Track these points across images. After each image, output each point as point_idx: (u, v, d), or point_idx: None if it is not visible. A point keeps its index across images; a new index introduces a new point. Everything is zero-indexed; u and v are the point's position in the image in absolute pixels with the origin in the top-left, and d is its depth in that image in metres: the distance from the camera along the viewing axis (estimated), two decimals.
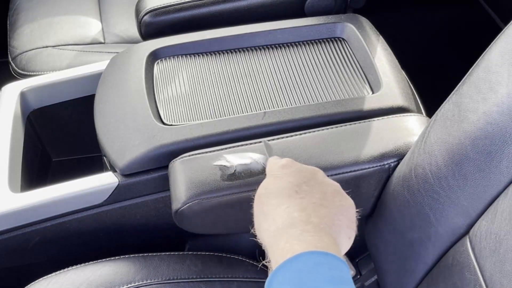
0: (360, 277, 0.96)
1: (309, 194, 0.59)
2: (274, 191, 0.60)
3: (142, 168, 0.88)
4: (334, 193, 0.61)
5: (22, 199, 0.90)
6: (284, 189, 0.59)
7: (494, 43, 0.67)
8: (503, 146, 0.61)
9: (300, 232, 0.53)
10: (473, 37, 1.36)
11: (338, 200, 0.60)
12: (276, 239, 0.54)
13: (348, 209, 0.60)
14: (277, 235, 0.54)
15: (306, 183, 0.60)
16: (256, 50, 1.02)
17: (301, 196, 0.58)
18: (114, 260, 0.89)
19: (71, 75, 1.10)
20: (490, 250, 0.61)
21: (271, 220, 0.57)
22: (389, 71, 0.95)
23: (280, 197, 0.58)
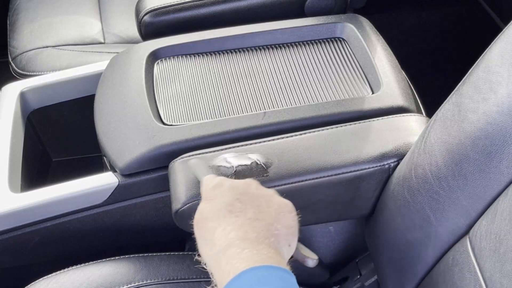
0: (360, 277, 0.96)
1: (243, 211, 0.59)
2: (209, 215, 0.60)
3: (142, 168, 0.88)
4: (268, 203, 0.61)
5: (22, 199, 0.90)
6: (218, 211, 0.59)
7: (494, 43, 0.67)
8: (503, 146, 0.61)
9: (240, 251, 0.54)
10: (473, 37, 1.36)
11: (273, 209, 0.60)
12: (217, 262, 0.55)
13: (285, 215, 0.60)
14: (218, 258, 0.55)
15: (239, 200, 0.60)
16: (256, 50, 1.02)
17: (236, 214, 0.58)
18: (114, 260, 0.89)
19: (71, 75, 1.10)
20: (490, 250, 0.61)
21: (210, 244, 0.57)
22: (389, 71, 0.95)
23: (216, 220, 0.59)
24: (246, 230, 0.56)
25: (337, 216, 0.90)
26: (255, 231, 0.56)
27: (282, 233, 0.59)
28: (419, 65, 1.31)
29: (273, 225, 0.58)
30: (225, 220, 0.58)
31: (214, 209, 0.60)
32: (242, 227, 0.57)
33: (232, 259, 0.53)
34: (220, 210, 0.59)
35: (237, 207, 0.59)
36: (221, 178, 0.66)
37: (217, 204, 0.60)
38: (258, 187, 0.64)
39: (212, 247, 0.57)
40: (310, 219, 0.88)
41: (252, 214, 0.59)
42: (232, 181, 0.64)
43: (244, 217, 0.58)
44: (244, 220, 0.58)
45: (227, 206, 0.60)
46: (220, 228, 0.57)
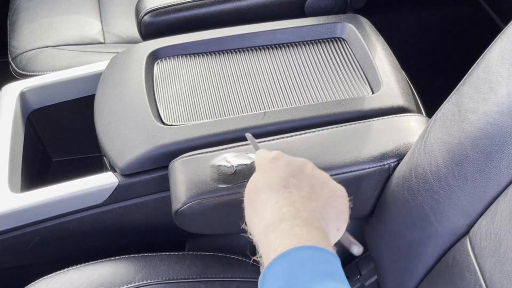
0: (360, 277, 0.96)
1: (298, 188, 0.59)
2: (262, 187, 0.60)
3: (142, 168, 0.88)
4: (323, 185, 0.61)
5: (22, 199, 0.90)
6: (272, 184, 0.59)
7: (494, 43, 0.67)
8: (503, 146, 0.61)
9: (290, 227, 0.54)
10: (473, 37, 1.36)
11: (326, 191, 0.60)
12: (266, 235, 0.55)
13: (337, 200, 0.61)
14: (267, 231, 0.55)
15: (294, 177, 0.60)
16: (256, 50, 1.02)
17: (290, 190, 0.58)
18: (114, 260, 0.89)
19: (71, 75, 1.10)
20: (490, 250, 0.61)
21: (260, 216, 0.57)
22: (389, 71, 0.95)
23: (269, 192, 0.58)
24: (298, 208, 0.56)
25: None
26: (307, 211, 0.56)
27: (332, 216, 0.59)
28: (419, 65, 1.31)
29: (324, 208, 0.58)
30: (279, 194, 0.58)
31: (269, 182, 0.60)
32: (295, 204, 0.57)
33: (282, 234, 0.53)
34: (274, 184, 0.59)
35: (291, 183, 0.59)
36: (277, 152, 0.65)
37: (272, 178, 0.60)
38: (314, 168, 0.63)
39: (262, 219, 0.56)
40: None
41: (305, 192, 0.58)
42: (289, 157, 0.64)
43: (298, 194, 0.58)
44: (298, 197, 0.57)
45: (282, 181, 0.59)
46: (273, 201, 0.57)
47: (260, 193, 0.59)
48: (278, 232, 0.54)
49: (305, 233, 0.53)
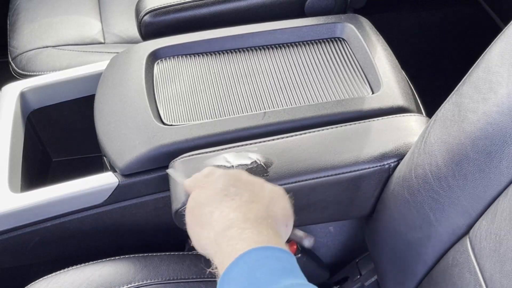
0: (360, 277, 0.96)
1: (239, 194, 0.60)
2: (204, 201, 0.61)
3: (142, 168, 0.88)
4: (262, 187, 0.62)
5: (22, 199, 0.90)
6: (213, 195, 0.60)
7: (494, 43, 0.67)
8: (503, 146, 0.61)
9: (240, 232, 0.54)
10: (473, 37, 1.36)
11: (267, 193, 0.62)
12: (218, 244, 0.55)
13: (278, 198, 0.62)
14: (218, 240, 0.56)
15: (232, 185, 0.61)
16: (256, 50, 1.02)
17: (232, 198, 0.59)
18: (114, 260, 0.89)
19: (71, 75, 1.10)
20: (490, 250, 0.61)
21: (208, 228, 0.58)
22: (389, 71, 0.95)
23: (212, 204, 0.59)
24: (244, 211, 0.57)
25: (337, 216, 0.90)
26: (253, 212, 0.57)
27: (278, 214, 0.60)
28: (419, 65, 1.31)
29: (268, 207, 0.59)
30: (222, 203, 0.59)
31: (209, 195, 0.61)
32: (239, 208, 0.58)
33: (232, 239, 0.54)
34: (215, 195, 0.60)
35: (232, 191, 0.60)
36: (211, 167, 0.67)
37: (212, 190, 0.61)
38: (249, 175, 0.65)
39: (210, 230, 0.57)
40: (310, 219, 0.88)
41: (247, 197, 0.59)
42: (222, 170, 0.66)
43: (240, 200, 0.59)
44: (241, 202, 0.59)
45: (221, 191, 0.60)
46: (218, 211, 0.58)
47: (203, 207, 0.60)
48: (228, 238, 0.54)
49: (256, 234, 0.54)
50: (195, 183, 0.66)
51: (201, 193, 0.62)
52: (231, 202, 0.59)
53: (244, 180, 0.63)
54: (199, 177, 0.66)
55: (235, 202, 0.59)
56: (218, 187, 0.61)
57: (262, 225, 0.56)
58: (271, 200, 0.61)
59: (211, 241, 0.57)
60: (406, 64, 1.01)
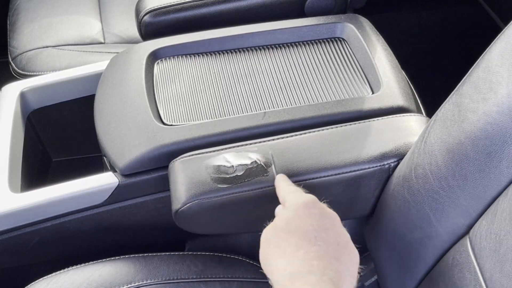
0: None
1: (326, 243, 0.60)
2: (294, 230, 0.61)
3: (142, 168, 0.88)
4: (346, 245, 0.62)
5: (22, 199, 0.90)
6: (305, 231, 0.61)
7: (494, 43, 0.67)
8: (503, 146, 0.61)
9: (317, 282, 0.56)
10: (473, 37, 1.36)
11: (347, 253, 0.62)
12: (292, 281, 0.56)
13: (354, 265, 0.62)
14: (294, 278, 0.56)
15: (325, 230, 0.62)
16: (256, 50, 1.02)
17: (319, 244, 0.60)
18: (114, 260, 0.89)
19: (71, 75, 1.10)
20: (490, 250, 0.61)
21: (289, 260, 0.58)
22: (389, 71, 0.95)
23: (300, 239, 0.60)
24: (326, 265, 0.58)
25: None
26: (332, 270, 0.58)
27: (348, 281, 0.60)
28: (419, 65, 1.31)
29: (345, 271, 0.60)
30: (310, 244, 0.59)
31: (301, 228, 0.61)
32: (323, 259, 0.58)
33: (308, 285, 0.55)
34: (307, 232, 0.60)
35: (322, 236, 0.61)
36: (312, 197, 0.66)
37: (305, 225, 0.61)
38: (341, 225, 0.65)
39: (290, 264, 0.58)
40: None
41: (332, 250, 0.60)
42: (322, 207, 0.65)
43: (326, 250, 0.59)
44: (325, 253, 0.59)
45: (313, 231, 0.61)
46: (303, 250, 0.59)
47: (291, 235, 0.60)
48: (304, 282, 0.56)
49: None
50: (292, 204, 0.66)
51: (294, 221, 0.62)
52: (318, 247, 0.59)
53: (336, 229, 0.63)
54: (298, 201, 0.65)
55: (320, 249, 0.59)
56: (313, 224, 0.61)
57: (336, 285, 0.57)
58: (349, 262, 0.61)
59: (285, 274, 0.57)
60: (406, 64, 1.01)
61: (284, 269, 0.58)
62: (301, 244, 0.59)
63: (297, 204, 0.65)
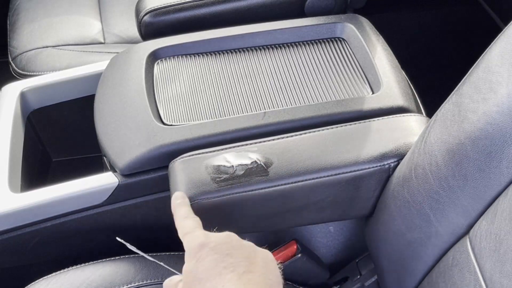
0: (360, 277, 0.96)
1: (236, 265, 0.59)
2: (203, 276, 0.60)
3: (142, 168, 0.88)
4: (254, 253, 0.62)
5: (22, 199, 0.90)
6: (212, 269, 0.60)
7: (494, 43, 0.67)
8: (503, 146, 0.61)
9: None
10: (473, 37, 1.36)
11: (260, 259, 0.61)
12: None
13: (271, 265, 0.62)
14: None
15: (228, 254, 0.61)
16: (256, 50, 1.02)
17: (231, 269, 0.59)
18: (114, 260, 0.89)
19: (71, 75, 1.10)
20: (490, 250, 0.61)
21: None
22: (389, 71, 0.95)
23: (212, 279, 0.59)
24: (245, 284, 0.57)
25: (337, 216, 0.90)
26: (252, 284, 0.58)
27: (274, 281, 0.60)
28: (419, 65, 1.31)
29: (265, 275, 0.59)
30: (221, 277, 0.58)
31: (208, 268, 0.60)
32: (239, 281, 0.58)
33: None
34: (214, 268, 0.60)
35: (229, 262, 0.60)
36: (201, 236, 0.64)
37: (209, 263, 0.60)
38: (238, 238, 0.64)
39: None
40: (311, 219, 0.88)
41: (244, 267, 0.59)
42: (214, 236, 0.64)
43: (239, 271, 0.59)
44: (240, 274, 0.58)
45: (220, 263, 0.60)
46: (219, 285, 0.58)
47: (203, 282, 0.59)
48: None
49: None
50: (188, 248, 0.65)
51: (198, 267, 0.61)
52: (231, 275, 0.58)
53: (237, 246, 0.62)
54: (192, 247, 0.64)
55: (234, 275, 0.58)
56: (215, 258, 0.60)
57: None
58: (265, 266, 0.61)
59: None
60: (406, 64, 1.01)
61: None
62: (215, 283, 0.58)
63: (191, 250, 0.63)
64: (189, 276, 0.62)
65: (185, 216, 0.70)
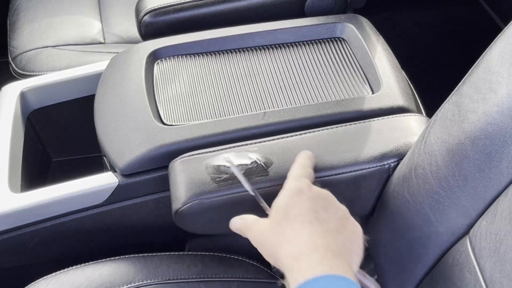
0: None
1: (327, 221, 0.63)
2: (294, 217, 0.64)
3: (142, 168, 0.88)
4: (347, 219, 0.66)
5: (22, 199, 0.90)
6: (305, 215, 0.63)
7: (494, 43, 0.67)
8: (503, 146, 0.61)
9: (321, 257, 0.58)
10: (473, 37, 1.36)
11: (350, 226, 0.65)
12: (298, 262, 0.59)
13: (358, 236, 0.65)
14: (300, 258, 0.59)
15: (324, 209, 0.65)
16: (256, 50, 1.02)
17: (321, 222, 0.63)
18: (114, 260, 0.89)
19: (71, 75, 1.10)
20: (490, 250, 0.61)
21: (294, 245, 0.61)
22: (389, 71, 0.95)
23: (301, 223, 0.63)
24: (330, 241, 0.61)
25: None
26: (337, 243, 0.61)
27: (355, 252, 0.63)
28: (419, 65, 1.31)
29: (350, 243, 0.63)
30: (312, 225, 0.62)
31: (301, 213, 0.64)
32: (326, 236, 0.61)
33: (314, 262, 0.58)
34: (307, 215, 0.63)
35: (322, 215, 0.64)
36: (301, 184, 0.68)
37: (304, 209, 0.64)
38: (336, 199, 0.68)
39: (295, 248, 0.61)
40: None
41: (334, 225, 0.63)
42: (316, 189, 0.68)
43: (328, 227, 0.62)
44: (327, 230, 0.62)
45: (313, 213, 0.63)
46: (307, 231, 0.62)
47: (292, 222, 0.63)
48: (310, 260, 0.58)
49: (335, 264, 0.58)
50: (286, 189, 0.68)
51: (293, 208, 0.65)
52: (320, 226, 0.62)
53: (333, 206, 0.66)
54: (290, 191, 0.68)
55: (323, 227, 0.62)
56: (311, 207, 0.64)
57: (341, 258, 0.60)
58: (352, 235, 0.64)
59: (292, 257, 0.60)
60: (406, 64, 1.01)
61: (290, 252, 0.61)
62: (303, 227, 0.62)
63: (291, 191, 0.67)
64: (280, 211, 0.66)
65: (303, 166, 0.74)
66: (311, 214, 0.63)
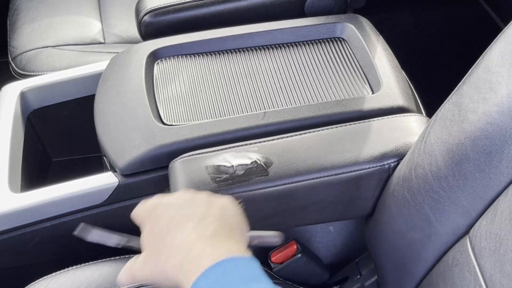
0: (360, 277, 0.96)
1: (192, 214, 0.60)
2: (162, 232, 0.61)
3: (142, 168, 0.88)
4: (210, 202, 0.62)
5: (22, 199, 0.90)
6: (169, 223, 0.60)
7: (494, 43, 0.67)
8: (503, 146, 0.61)
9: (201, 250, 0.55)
10: (473, 37, 1.36)
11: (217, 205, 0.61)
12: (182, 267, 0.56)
13: (228, 208, 0.62)
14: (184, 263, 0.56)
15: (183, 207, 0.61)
16: (256, 50, 1.02)
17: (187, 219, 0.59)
18: (114, 260, 0.89)
19: (71, 75, 1.10)
20: (490, 250, 0.61)
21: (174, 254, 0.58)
22: (389, 71, 0.95)
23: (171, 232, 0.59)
24: (201, 230, 0.58)
25: (337, 216, 0.90)
26: (208, 229, 0.58)
27: (232, 223, 0.60)
28: (419, 65, 1.31)
29: (221, 219, 0.60)
30: (179, 227, 0.59)
31: (165, 224, 0.61)
32: (197, 227, 0.58)
33: (196, 259, 0.55)
34: (171, 222, 0.60)
35: (185, 213, 0.60)
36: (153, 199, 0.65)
37: (166, 219, 0.61)
38: (193, 191, 0.64)
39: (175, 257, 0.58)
40: (311, 219, 0.88)
41: (200, 214, 0.60)
42: (166, 196, 0.64)
43: (195, 219, 0.59)
44: (196, 221, 0.59)
45: (176, 217, 0.60)
46: (179, 235, 0.58)
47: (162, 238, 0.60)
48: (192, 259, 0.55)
49: (217, 248, 0.55)
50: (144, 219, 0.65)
51: (155, 226, 0.62)
52: (188, 223, 0.59)
53: (191, 198, 0.63)
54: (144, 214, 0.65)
55: (191, 223, 0.59)
56: (170, 213, 0.61)
57: (220, 238, 0.57)
58: (222, 211, 0.61)
59: (177, 267, 0.57)
60: (406, 64, 1.01)
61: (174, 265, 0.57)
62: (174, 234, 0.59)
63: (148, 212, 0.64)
64: (148, 239, 0.63)
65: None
66: (175, 218, 0.60)
